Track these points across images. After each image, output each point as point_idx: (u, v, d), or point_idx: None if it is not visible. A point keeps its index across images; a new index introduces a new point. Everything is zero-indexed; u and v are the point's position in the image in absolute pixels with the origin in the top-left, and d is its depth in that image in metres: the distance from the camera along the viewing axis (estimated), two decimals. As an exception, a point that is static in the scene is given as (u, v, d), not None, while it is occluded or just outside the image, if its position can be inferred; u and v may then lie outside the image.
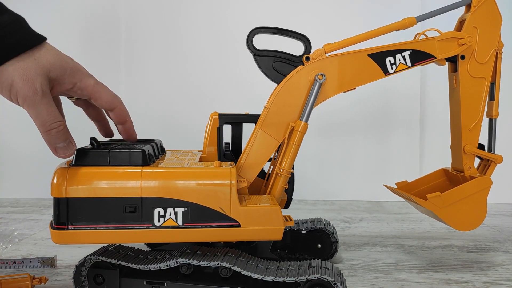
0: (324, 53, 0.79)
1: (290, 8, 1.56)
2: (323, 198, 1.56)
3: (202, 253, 0.70)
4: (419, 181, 0.93)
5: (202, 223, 0.67)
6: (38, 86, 0.59)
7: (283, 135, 0.79)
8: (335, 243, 0.89)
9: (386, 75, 0.81)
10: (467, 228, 0.82)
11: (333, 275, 0.65)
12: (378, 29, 0.82)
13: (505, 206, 1.45)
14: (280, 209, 0.69)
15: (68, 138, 0.64)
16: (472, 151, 0.83)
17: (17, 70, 0.58)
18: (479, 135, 0.84)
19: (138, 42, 1.59)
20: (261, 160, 0.79)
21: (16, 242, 1.03)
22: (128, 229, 0.66)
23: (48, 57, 0.62)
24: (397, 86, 1.52)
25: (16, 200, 1.54)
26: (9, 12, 0.62)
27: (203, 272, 0.71)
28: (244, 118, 0.89)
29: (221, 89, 1.58)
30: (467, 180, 0.83)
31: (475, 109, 0.83)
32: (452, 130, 0.87)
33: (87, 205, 0.65)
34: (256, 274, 0.66)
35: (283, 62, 0.80)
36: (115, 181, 0.66)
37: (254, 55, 0.80)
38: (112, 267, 0.71)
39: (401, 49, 0.81)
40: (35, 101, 0.59)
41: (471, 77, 0.82)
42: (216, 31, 1.57)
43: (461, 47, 0.81)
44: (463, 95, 0.83)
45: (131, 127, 0.75)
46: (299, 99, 0.79)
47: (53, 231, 0.66)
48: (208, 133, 0.87)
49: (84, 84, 0.67)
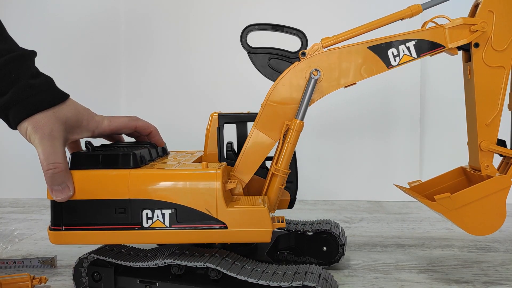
0: (322, 48, 0.76)
1: (288, 4, 1.52)
2: (323, 198, 1.54)
3: (190, 253, 0.71)
4: (434, 180, 0.87)
5: (189, 225, 0.67)
6: (47, 131, 0.66)
7: (279, 134, 0.77)
8: (342, 246, 0.86)
9: (389, 68, 0.76)
10: (483, 232, 0.75)
11: (316, 280, 0.62)
12: (379, 19, 0.76)
13: None
14: (268, 211, 0.67)
15: (65, 182, 0.66)
16: (489, 148, 0.76)
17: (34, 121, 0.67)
18: (498, 130, 0.76)
19: (138, 43, 1.60)
20: (256, 160, 0.78)
21: (16, 242, 1.03)
22: (118, 230, 0.68)
23: (65, 112, 0.70)
24: (397, 85, 1.47)
25: (16, 200, 1.54)
26: (41, 76, 0.71)
27: (195, 273, 0.72)
28: (243, 117, 0.88)
29: (221, 88, 1.57)
30: (484, 179, 0.76)
31: (493, 102, 0.75)
32: (469, 125, 0.80)
33: (81, 207, 0.68)
34: (241, 276, 0.65)
35: (279, 59, 0.78)
36: (106, 184, 0.68)
37: (249, 53, 0.78)
38: (108, 265, 0.74)
39: (405, 40, 0.75)
40: (41, 141, 0.66)
41: (487, 67, 0.75)
42: (215, 30, 1.57)
43: (474, 34, 0.74)
44: (478, 86, 0.75)
45: (156, 135, 0.84)
46: (295, 97, 0.76)
47: (50, 232, 0.69)
48: (208, 133, 0.87)
49: (102, 129, 0.76)
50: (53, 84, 0.73)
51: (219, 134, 0.86)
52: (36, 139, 0.67)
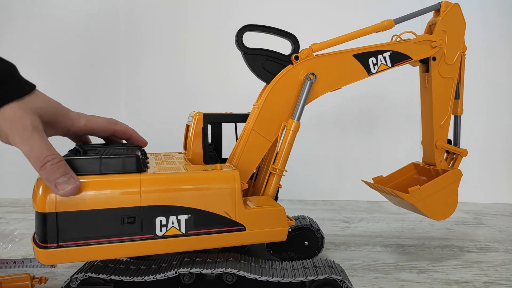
0: (312, 52, 0.80)
1: (279, 8, 1.56)
2: (323, 198, 1.55)
3: (202, 260, 0.68)
4: (392, 175, 0.99)
5: (206, 230, 0.64)
6: (28, 122, 0.57)
7: (275, 134, 0.78)
8: (321, 239, 0.91)
9: (369, 75, 0.84)
10: (442, 217, 0.89)
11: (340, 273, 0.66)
12: (360, 30, 0.84)
13: (505, 206, 1.47)
14: (284, 210, 0.68)
15: (68, 172, 0.58)
16: (443, 146, 0.90)
17: (5, 116, 0.58)
18: (448, 131, 0.92)
19: (138, 43, 1.59)
20: (254, 161, 0.78)
21: (16, 242, 1.02)
22: (127, 242, 0.61)
23: (38, 103, 0.61)
24: (397, 84, 1.52)
25: (16, 200, 1.52)
26: (1, 62, 0.60)
27: (205, 280, 0.69)
28: (229, 118, 0.87)
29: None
30: (439, 173, 0.90)
31: (445, 107, 0.90)
32: (424, 127, 0.94)
33: (80, 219, 0.59)
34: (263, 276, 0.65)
35: (273, 61, 0.79)
36: (111, 191, 0.60)
37: (244, 54, 0.78)
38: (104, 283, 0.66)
39: (383, 50, 0.84)
40: (26, 137, 0.57)
41: (441, 77, 0.89)
42: (215, 30, 1.56)
43: (434, 49, 0.87)
44: (435, 94, 0.89)
45: (138, 137, 0.77)
46: (290, 98, 0.79)
47: (39, 250, 0.58)
48: (192, 133, 0.84)
49: (77, 128, 0.68)
50: (16, 71, 0.62)
51: (204, 134, 0.84)
52: (17, 136, 0.57)
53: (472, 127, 1.58)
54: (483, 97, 1.55)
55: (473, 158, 1.56)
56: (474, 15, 1.48)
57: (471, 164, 1.59)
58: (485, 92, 1.56)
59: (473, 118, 1.57)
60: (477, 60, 1.45)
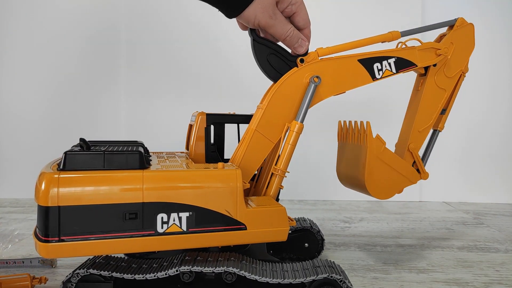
0: (317, 56, 0.81)
1: None
2: (323, 198, 1.55)
3: (203, 259, 0.68)
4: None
5: (207, 228, 0.64)
6: (271, 12, 0.76)
7: (278, 136, 0.78)
8: (321, 242, 0.91)
9: (373, 80, 0.84)
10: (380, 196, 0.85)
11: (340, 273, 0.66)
12: (365, 39, 0.84)
13: (505, 206, 1.48)
14: (285, 210, 0.69)
15: (299, 38, 0.79)
16: (414, 152, 0.88)
17: (257, 7, 0.75)
18: (424, 140, 0.90)
19: (138, 42, 1.60)
20: (256, 162, 0.78)
21: (16, 242, 1.01)
22: (128, 238, 0.61)
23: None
24: (397, 83, 1.54)
25: (16, 200, 1.51)
26: None
27: (204, 279, 0.69)
28: (232, 119, 0.88)
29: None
30: None
31: (429, 115, 0.89)
32: (403, 128, 0.92)
33: (82, 214, 0.59)
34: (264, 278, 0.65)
35: (278, 57, 0.79)
36: (113, 186, 0.61)
37: (253, 40, 0.78)
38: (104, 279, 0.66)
39: (388, 56, 0.85)
40: (271, 23, 0.76)
41: (435, 85, 0.89)
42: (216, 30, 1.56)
43: (439, 57, 0.87)
44: (423, 99, 0.88)
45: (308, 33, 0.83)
46: (294, 101, 0.79)
47: (41, 244, 0.59)
48: (195, 133, 0.84)
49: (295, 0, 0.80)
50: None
51: (207, 134, 0.84)
52: (267, 22, 0.75)
53: (472, 127, 1.59)
54: (483, 97, 1.56)
55: (473, 158, 1.58)
56: (474, 15, 1.49)
57: (471, 164, 1.61)
58: (485, 92, 1.56)
59: (473, 118, 1.58)
60: (477, 60, 1.45)
